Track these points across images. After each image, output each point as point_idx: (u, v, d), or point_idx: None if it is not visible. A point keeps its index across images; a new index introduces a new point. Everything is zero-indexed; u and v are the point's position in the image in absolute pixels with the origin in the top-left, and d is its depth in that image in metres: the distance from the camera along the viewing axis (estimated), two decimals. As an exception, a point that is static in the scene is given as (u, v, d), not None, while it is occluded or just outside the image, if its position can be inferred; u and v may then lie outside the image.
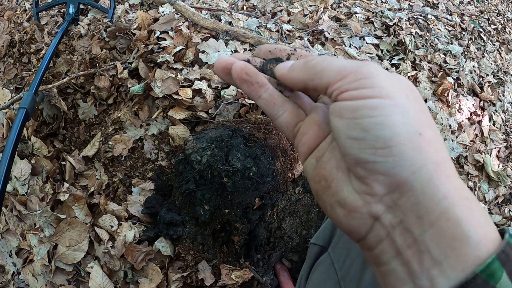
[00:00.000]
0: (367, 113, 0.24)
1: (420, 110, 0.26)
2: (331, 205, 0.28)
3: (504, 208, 1.58)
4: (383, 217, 0.26)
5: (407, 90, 0.26)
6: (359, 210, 0.26)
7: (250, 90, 0.31)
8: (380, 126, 0.24)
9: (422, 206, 0.24)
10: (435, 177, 0.24)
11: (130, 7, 1.71)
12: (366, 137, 0.24)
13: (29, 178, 1.21)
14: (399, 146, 0.24)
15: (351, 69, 0.26)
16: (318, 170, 0.30)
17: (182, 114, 1.27)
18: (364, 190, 0.26)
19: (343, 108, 0.26)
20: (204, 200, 1.03)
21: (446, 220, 0.23)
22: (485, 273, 0.22)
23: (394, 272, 0.25)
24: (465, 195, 0.25)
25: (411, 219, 0.24)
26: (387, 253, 0.26)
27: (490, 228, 0.24)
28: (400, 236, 0.25)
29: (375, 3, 2.14)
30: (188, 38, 1.42)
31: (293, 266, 1.19)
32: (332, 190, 0.28)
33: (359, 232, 0.27)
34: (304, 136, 0.31)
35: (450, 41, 2.08)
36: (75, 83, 1.39)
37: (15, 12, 1.78)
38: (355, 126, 0.25)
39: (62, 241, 1.09)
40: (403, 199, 0.25)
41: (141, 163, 1.29)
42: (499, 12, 2.93)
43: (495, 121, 1.83)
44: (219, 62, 0.32)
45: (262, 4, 1.87)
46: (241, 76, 0.31)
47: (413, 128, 0.24)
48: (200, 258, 1.09)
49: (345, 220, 0.27)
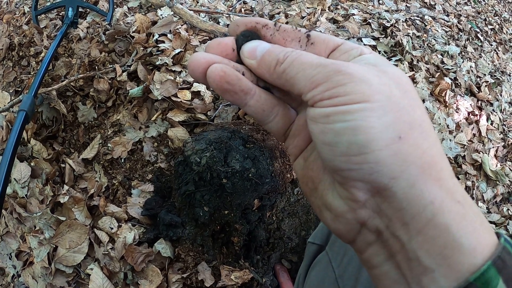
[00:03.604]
0: (340, 118, 0.22)
1: (406, 109, 0.23)
2: (319, 208, 0.27)
3: (503, 207, 1.58)
4: (370, 222, 0.24)
5: (392, 89, 0.23)
6: (344, 215, 0.25)
7: (234, 99, 0.27)
8: (353, 131, 0.22)
9: (407, 213, 0.23)
10: (420, 181, 0.22)
11: (129, 10, 1.72)
12: (339, 143, 0.23)
13: (29, 181, 1.21)
14: (375, 152, 0.22)
15: (323, 78, 0.23)
16: (305, 171, 0.29)
17: (181, 116, 1.27)
18: (346, 196, 0.25)
19: (317, 114, 0.24)
20: (204, 201, 1.03)
21: (434, 227, 0.22)
22: (479, 281, 0.21)
23: (387, 275, 0.25)
24: (457, 199, 0.23)
25: (397, 225, 0.23)
26: (377, 257, 0.25)
27: (487, 233, 0.23)
28: (389, 241, 0.24)
29: (372, 5, 2.15)
30: (187, 40, 1.43)
31: (292, 267, 1.19)
32: (319, 193, 0.27)
33: (347, 236, 0.26)
34: (295, 138, 0.30)
35: (447, 42, 2.09)
36: (74, 86, 1.40)
37: (14, 15, 1.79)
38: (328, 131, 0.23)
39: (62, 243, 1.09)
40: (385, 204, 0.23)
41: (140, 165, 1.29)
42: (496, 12, 2.94)
43: (493, 121, 1.84)
44: (194, 65, 0.27)
45: (260, 6, 1.88)
46: (222, 86, 0.26)
47: (392, 132, 0.22)
48: (200, 259, 1.10)
49: (332, 223, 0.27)
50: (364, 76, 0.23)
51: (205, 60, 0.27)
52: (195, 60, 0.27)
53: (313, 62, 0.24)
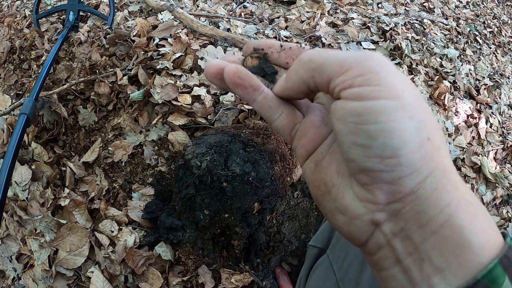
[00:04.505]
0: (373, 118, 0.22)
1: (427, 111, 0.24)
2: (331, 211, 0.27)
3: (502, 209, 1.59)
4: (384, 225, 0.25)
5: (414, 89, 0.24)
6: (360, 217, 0.25)
7: (244, 94, 0.29)
8: (388, 133, 0.22)
9: (425, 215, 0.23)
10: (441, 185, 0.23)
11: (130, 14, 1.73)
12: (373, 145, 0.22)
13: (30, 184, 1.21)
14: (408, 155, 0.22)
15: (355, 61, 0.23)
16: (317, 174, 0.29)
17: (181, 120, 1.28)
18: (366, 198, 0.24)
19: (347, 111, 0.23)
20: (204, 204, 1.04)
21: (449, 228, 0.23)
22: (486, 278, 0.22)
23: (395, 278, 0.25)
24: (470, 200, 0.24)
25: (413, 227, 0.23)
26: (387, 260, 0.25)
27: (494, 233, 0.24)
28: (401, 244, 0.24)
29: (372, 9, 2.16)
30: (187, 44, 1.44)
31: (292, 270, 1.20)
32: (332, 196, 0.27)
33: (359, 239, 0.26)
34: (301, 138, 0.30)
35: (446, 45, 2.10)
36: (75, 90, 1.41)
37: (15, 19, 1.80)
38: (360, 132, 0.23)
39: (62, 246, 1.09)
40: (407, 208, 0.24)
41: (141, 169, 1.29)
42: (494, 15, 2.96)
43: (492, 123, 1.84)
44: (209, 67, 0.30)
45: (260, 10, 1.89)
46: (234, 80, 0.29)
47: (422, 134, 0.22)
48: (200, 263, 1.10)
49: (345, 227, 0.26)
50: (395, 70, 0.23)
51: (218, 63, 0.30)
52: (210, 62, 0.30)
53: (341, 52, 0.25)
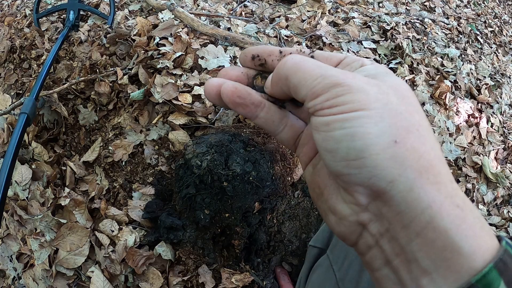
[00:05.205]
0: (339, 125, 0.24)
1: (403, 114, 0.24)
2: (325, 212, 0.29)
3: (503, 209, 1.59)
4: (370, 226, 0.26)
5: (389, 97, 0.24)
6: (347, 218, 0.26)
7: (246, 112, 0.30)
8: (351, 137, 0.23)
9: (406, 216, 0.23)
10: (418, 185, 0.23)
11: (130, 13, 1.73)
12: (338, 149, 0.24)
13: (30, 183, 1.21)
14: (372, 156, 0.23)
15: (323, 89, 0.25)
16: (313, 177, 0.30)
17: (182, 120, 1.28)
18: (350, 200, 0.26)
19: (319, 122, 0.25)
20: (204, 204, 1.04)
21: (433, 230, 0.23)
22: (481, 282, 0.22)
23: (388, 278, 0.26)
24: (456, 203, 0.24)
25: (397, 228, 0.24)
26: (377, 260, 0.26)
27: (487, 237, 0.24)
28: (388, 244, 0.25)
29: (372, 8, 2.16)
30: (188, 44, 1.44)
31: (293, 270, 1.20)
32: (324, 197, 0.29)
33: (350, 239, 0.27)
34: (304, 147, 0.32)
35: (447, 45, 2.10)
36: (75, 89, 1.41)
37: (15, 18, 1.80)
38: (329, 138, 0.24)
39: (63, 245, 1.09)
40: (386, 208, 0.24)
41: (141, 168, 1.29)
42: (495, 14, 2.95)
43: (493, 123, 1.84)
44: (209, 88, 0.30)
45: (261, 10, 1.89)
46: (234, 100, 0.29)
47: (388, 137, 0.23)
48: (201, 262, 1.10)
49: (336, 226, 0.28)
50: (362, 86, 0.24)
51: (217, 82, 0.30)
52: (209, 83, 0.30)
53: (314, 72, 0.26)
